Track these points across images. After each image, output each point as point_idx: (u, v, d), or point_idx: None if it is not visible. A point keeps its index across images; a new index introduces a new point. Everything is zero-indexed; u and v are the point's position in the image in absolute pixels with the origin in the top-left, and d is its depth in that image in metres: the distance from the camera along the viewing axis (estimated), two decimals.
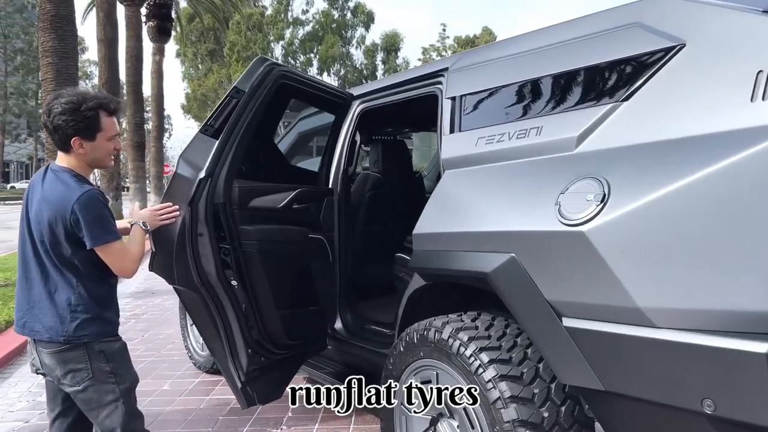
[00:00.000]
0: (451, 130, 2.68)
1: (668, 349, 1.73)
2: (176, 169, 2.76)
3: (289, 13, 45.85)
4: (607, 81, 2.11)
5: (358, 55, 47.11)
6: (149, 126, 30.00)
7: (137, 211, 2.61)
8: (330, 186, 3.53)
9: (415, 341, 2.50)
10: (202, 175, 2.65)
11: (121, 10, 19.23)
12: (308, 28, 45.92)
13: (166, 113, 47.26)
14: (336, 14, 46.34)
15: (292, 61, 44.72)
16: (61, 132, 2.19)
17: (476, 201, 2.37)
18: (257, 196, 2.94)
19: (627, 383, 1.87)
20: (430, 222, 2.52)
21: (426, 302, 2.83)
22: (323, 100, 3.47)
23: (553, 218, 1.98)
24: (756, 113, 1.68)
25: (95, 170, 2.35)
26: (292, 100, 3.36)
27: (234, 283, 2.85)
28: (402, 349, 2.59)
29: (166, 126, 53.16)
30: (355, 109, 3.58)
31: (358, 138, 3.72)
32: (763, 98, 1.68)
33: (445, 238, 2.42)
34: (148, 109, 26.28)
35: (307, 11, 45.26)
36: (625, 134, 1.98)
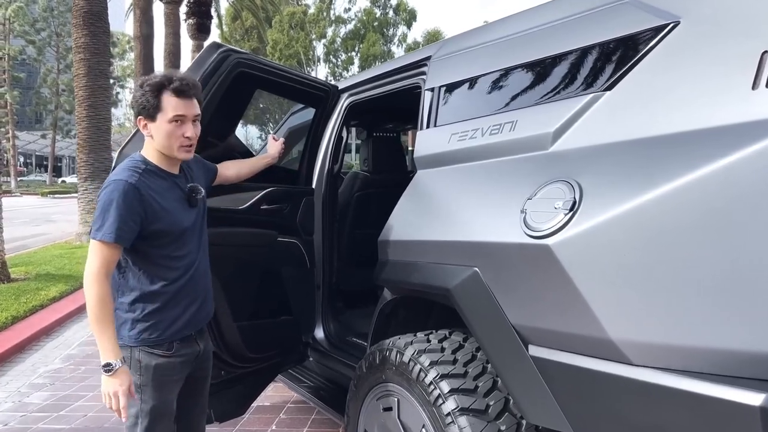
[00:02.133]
0: (427, 125, 2.39)
1: (644, 392, 1.42)
2: (113, 166, 2.53)
3: (332, 12, 45.98)
4: (589, 68, 1.79)
5: (399, 53, 46.94)
6: None
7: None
8: (314, 186, 3.27)
9: (377, 362, 2.23)
10: None
11: (159, 8, 19.48)
12: (350, 26, 45.94)
13: None
14: (378, 12, 46.22)
15: (334, 60, 44.79)
16: (135, 111, 2.05)
17: (443, 206, 2.08)
18: (213, 195, 2.68)
19: (598, 428, 1.55)
20: (395, 228, 2.25)
21: (401, 316, 2.55)
22: (299, 92, 3.17)
23: (518, 228, 1.67)
24: (759, 104, 1.34)
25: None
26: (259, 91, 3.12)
27: None
28: (365, 370, 2.32)
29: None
30: (343, 102, 3.32)
31: (344, 134, 3.44)
32: (767, 85, 1.35)
33: (410, 246, 2.14)
34: None
35: (350, 9, 45.22)
36: (605, 130, 1.66)
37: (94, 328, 1.89)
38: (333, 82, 3.37)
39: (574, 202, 1.55)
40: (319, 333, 3.34)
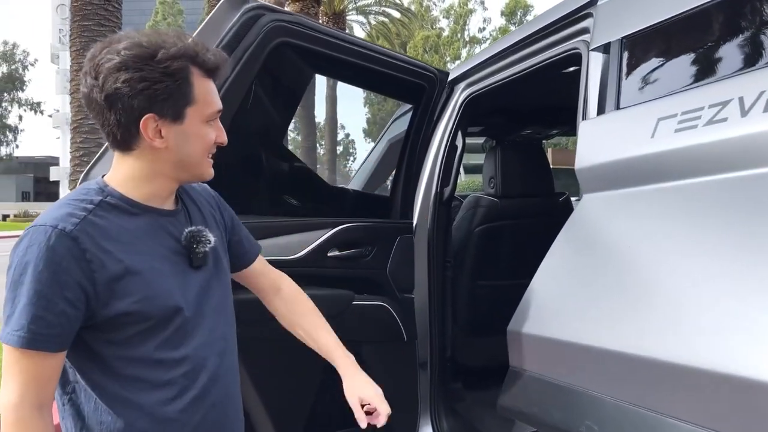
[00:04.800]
0: (599, 110, 1.29)
1: None
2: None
3: (466, 33, 45.65)
4: None
5: None
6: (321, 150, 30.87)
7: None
8: (414, 219, 2.24)
9: None
10: None
11: None
12: (485, 45, 45.27)
13: (350, 137, 48.49)
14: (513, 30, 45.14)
15: None
16: (122, 107, 1.07)
17: (642, 279, 0.97)
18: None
19: None
20: (536, 314, 1.15)
21: None
22: (384, 81, 2.12)
23: None
24: None
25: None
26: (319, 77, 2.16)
27: None
28: None
29: (351, 150, 54.28)
30: (458, 97, 2.28)
31: (459, 142, 2.37)
32: None
33: (568, 356, 1.04)
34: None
35: (484, 29, 44.44)
36: None
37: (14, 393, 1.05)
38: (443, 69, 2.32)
39: None
40: (427, 430, 2.29)
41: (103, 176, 1.18)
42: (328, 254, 1.88)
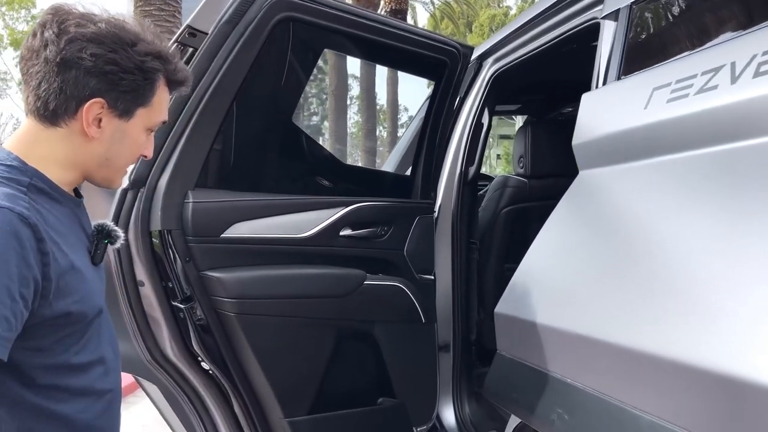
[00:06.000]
0: (604, 81, 1.22)
1: None
2: None
3: None
4: None
5: None
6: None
7: None
8: (439, 199, 2.19)
9: None
10: (124, 183, 1.54)
11: None
12: None
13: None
14: None
15: None
16: (74, 77, 0.95)
17: (629, 261, 0.90)
18: (246, 217, 1.72)
19: None
20: (520, 296, 1.10)
21: None
22: (402, 56, 2.02)
23: None
24: None
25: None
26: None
27: (206, 367, 1.72)
28: None
29: None
30: (486, 73, 2.21)
31: (486, 120, 2.28)
32: None
33: (549, 342, 0.98)
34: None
35: None
36: None
37: None
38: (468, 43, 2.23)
39: None
40: (448, 416, 2.25)
41: (6, 146, 1.02)
42: (341, 233, 1.87)
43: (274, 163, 2.02)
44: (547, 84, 2.64)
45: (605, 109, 1.13)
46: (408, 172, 2.29)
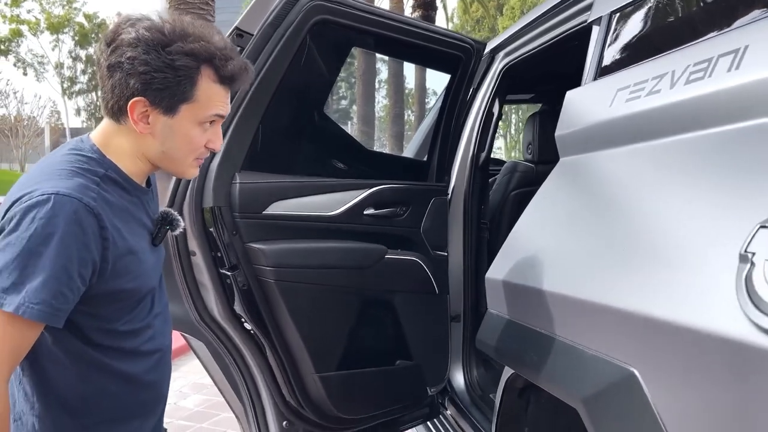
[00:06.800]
0: (585, 81, 1.41)
1: None
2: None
3: None
4: None
5: None
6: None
7: None
8: (453, 182, 2.39)
9: None
10: None
11: (384, 2, 19.80)
12: None
13: None
14: None
15: None
16: (119, 79, 1.08)
17: (588, 232, 1.10)
18: (280, 197, 1.94)
19: None
20: (507, 261, 1.31)
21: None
22: (421, 52, 2.26)
23: (732, 300, 0.67)
24: None
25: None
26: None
27: (248, 327, 1.94)
28: None
29: None
30: (497, 66, 2.39)
31: (496, 109, 2.47)
32: None
33: (527, 300, 1.19)
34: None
35: None
36: None
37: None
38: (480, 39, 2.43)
39: None
40: (458, 378, 2.47)
41: (91, 137, 1.16)
42: (364, 212, 2.09)
43: (306, 149, 2.25)
44: (555, 76, 2.81)
45: (582, 106, 1.32)
46: (425, 158, 2.50)
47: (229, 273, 1.84)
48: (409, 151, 3.23)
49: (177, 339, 2.26)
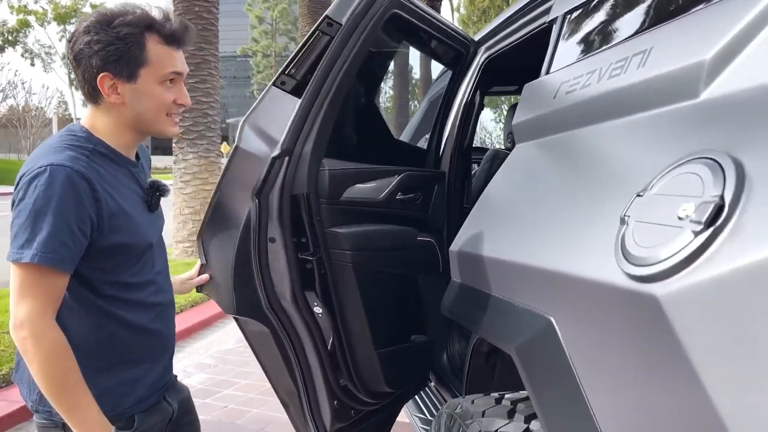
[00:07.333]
0: (541, 76, 1.57)
1: None
2: (237, 141, 1.86)
3: None
4: None
5: None
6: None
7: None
8: (441, 168, 2.56)
9: (442, 426, 1.53)
10: (276, 151, 1.74)
11: None
12: None
13: None
14: None
15: None
16: (84, 65, 1.28)
17: (523, 207, 1.28)
18: (352, 183, 2.00)
19: None
20: (466, 233, 1.48)
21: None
22: (442, 47, 2.39)
23: (611, 255, 0.85)
24: None
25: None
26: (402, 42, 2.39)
27: (318, 310, 1.99)
28: (436, 430, 1.63)
29: None
30: (479, 59, 2.55)
31: (477, 100, 2.63)
32: None
33: (475, 266, 1.37)
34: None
35: None
36: None
37: (60, 403, 1.23)
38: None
39: (721, 207, 0.69)
40: (440, 351, 2.65)
41: (81, 123, 1.36)
42: (397, 197, 2.18)
43: (358, 135, 2.39)
44: (532, 70, 2.97)
45: (533, 98, 1.49)
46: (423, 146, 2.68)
47: (311, 258, 1.87)
48: (403, 139, 3.41)
49: (178, 324, 2.34)
